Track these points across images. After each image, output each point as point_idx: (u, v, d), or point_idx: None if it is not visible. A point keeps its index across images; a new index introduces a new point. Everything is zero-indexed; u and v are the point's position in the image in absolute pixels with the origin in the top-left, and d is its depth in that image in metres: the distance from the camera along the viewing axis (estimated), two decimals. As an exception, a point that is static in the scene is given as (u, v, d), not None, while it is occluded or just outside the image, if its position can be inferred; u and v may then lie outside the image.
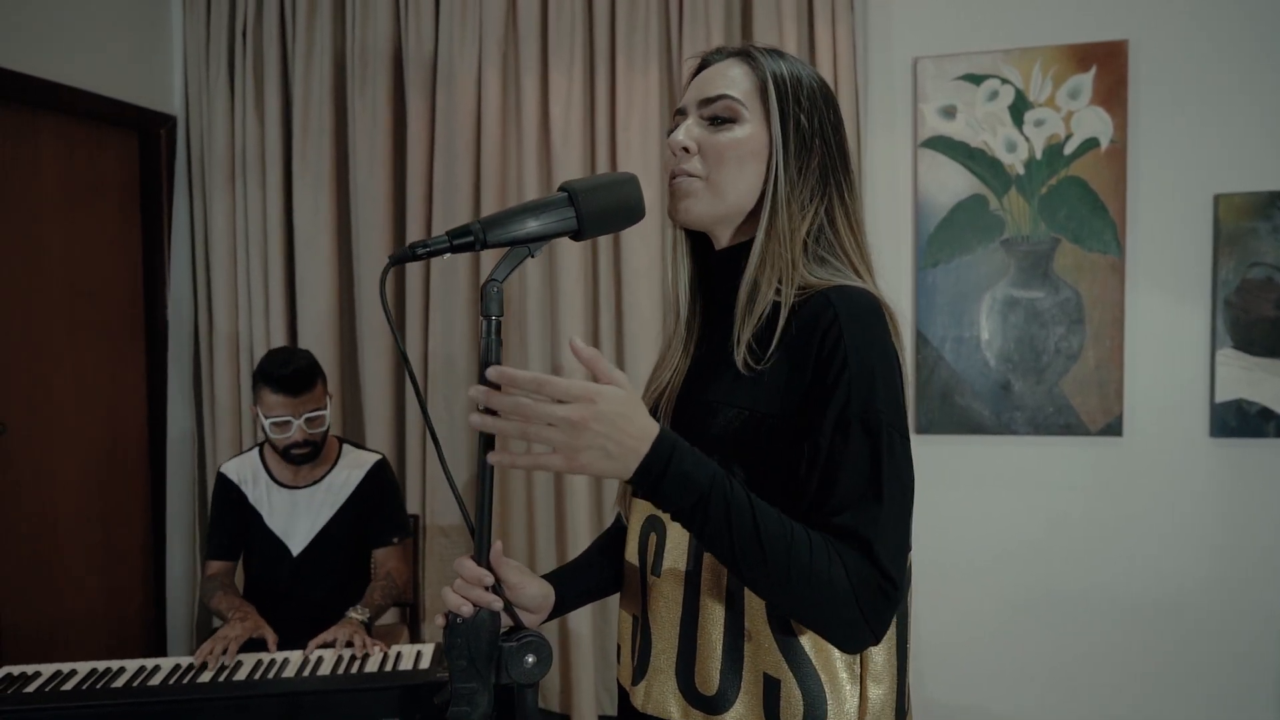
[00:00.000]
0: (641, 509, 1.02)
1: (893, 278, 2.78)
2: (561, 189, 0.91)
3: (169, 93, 3.19)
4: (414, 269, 2.97)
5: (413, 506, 2.98)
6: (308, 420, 2.10)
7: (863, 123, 2.73)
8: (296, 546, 2.20)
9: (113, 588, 3.04)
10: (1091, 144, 2.61)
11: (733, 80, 0.99)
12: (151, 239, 3.17)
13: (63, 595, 2.85)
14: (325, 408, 2.16)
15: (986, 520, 2.75)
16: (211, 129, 3.09)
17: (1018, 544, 2.73)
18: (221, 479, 2.26)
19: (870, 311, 0.90)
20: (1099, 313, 2.64)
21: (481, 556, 0.90)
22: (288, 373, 2.06)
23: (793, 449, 0.89)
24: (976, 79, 2.67)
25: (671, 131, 1.02)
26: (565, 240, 2.85)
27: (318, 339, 3.00)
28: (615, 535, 1.13)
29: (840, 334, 0.88)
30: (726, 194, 0.97)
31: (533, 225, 0.89)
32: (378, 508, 2.26)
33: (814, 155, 0.98)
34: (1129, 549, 2.67)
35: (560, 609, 1.03)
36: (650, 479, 0.81)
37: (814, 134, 0.98)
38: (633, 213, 0.94)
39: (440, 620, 0.90)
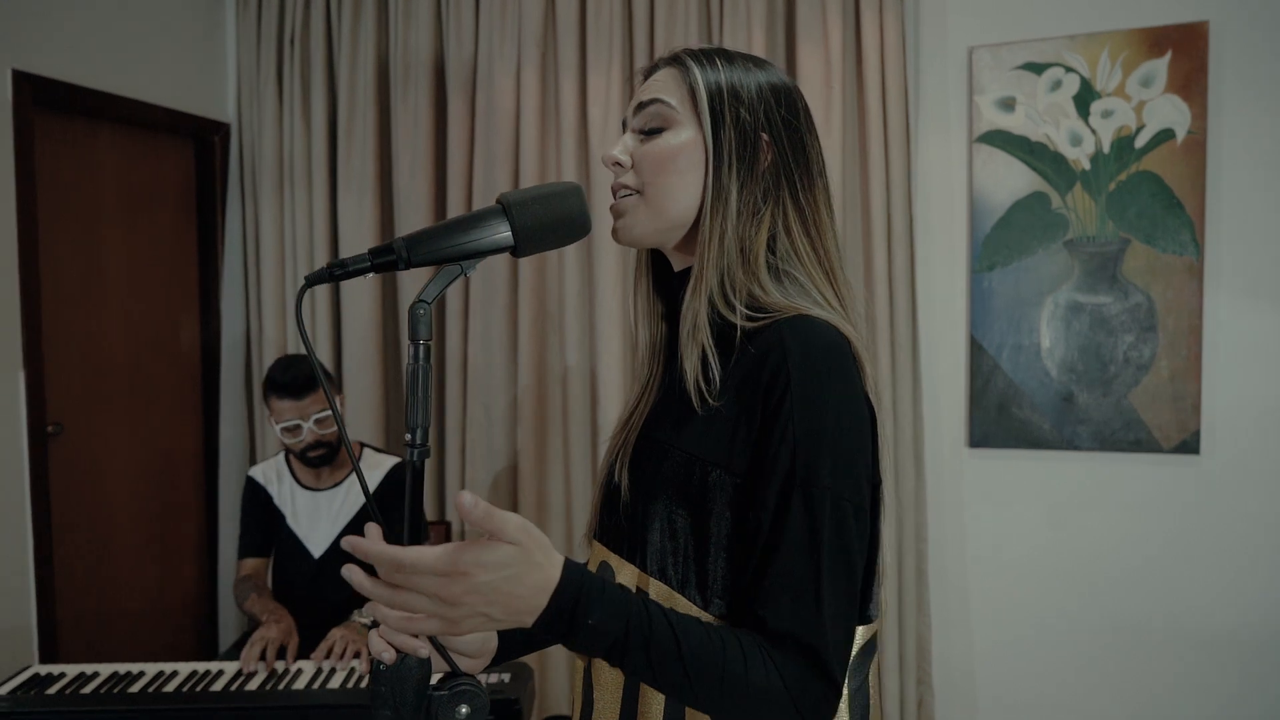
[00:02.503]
0: (598, 553, 0.94)
1: (945, 282, 2.62)
2: (499, 200, 0.85)
3: (223, 101, 3.27)
4: (454, 273, 2.95)
5: (451, 513, 2.97)
6: (316, 421, 2.15)
7: (913, 118, 2.58)
8: (317, 549, 2.23)
9: (167, 584, 3.12)
10: (1166, 135, 2.40)
11: (664, 85, 0.91)
12: (206, 244, 3.25)
13: (119, 591, 2.95)
14: (329, 411, 2.18)
15: (1046, 541, 2.57)
16: (261, 136, 3.15)
17: (1081, 567, 2.54)
18: (250, 482, 2.32)
19: (826, 353, 0.80)
20: (1174, 319, 2.43)
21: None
22: (290, 377, 2.13)
23: (741, 506, 0.81)
24: (1038, 68, 2.49)
25: None
26: (605, 239, 2.80)
27: (361, 343, 3.02)
28: None
29: (787, 385, 0.79)
30: (664, 208, 0.89)
31: (462, 242, 0.82)
32: (391, 511, 2.23)
33: (761, 155, 0.88)
34: (1206, 576, 2.45)
35: (507, 654, 0.96)
36: (557, 633, 0.75)
37: (758, 129, 0.88)
38: (574, 226, 0.86)
39: (364, 667, 0.85)
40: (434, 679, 0.84)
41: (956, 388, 2.62)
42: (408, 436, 0.82)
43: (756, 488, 0.80)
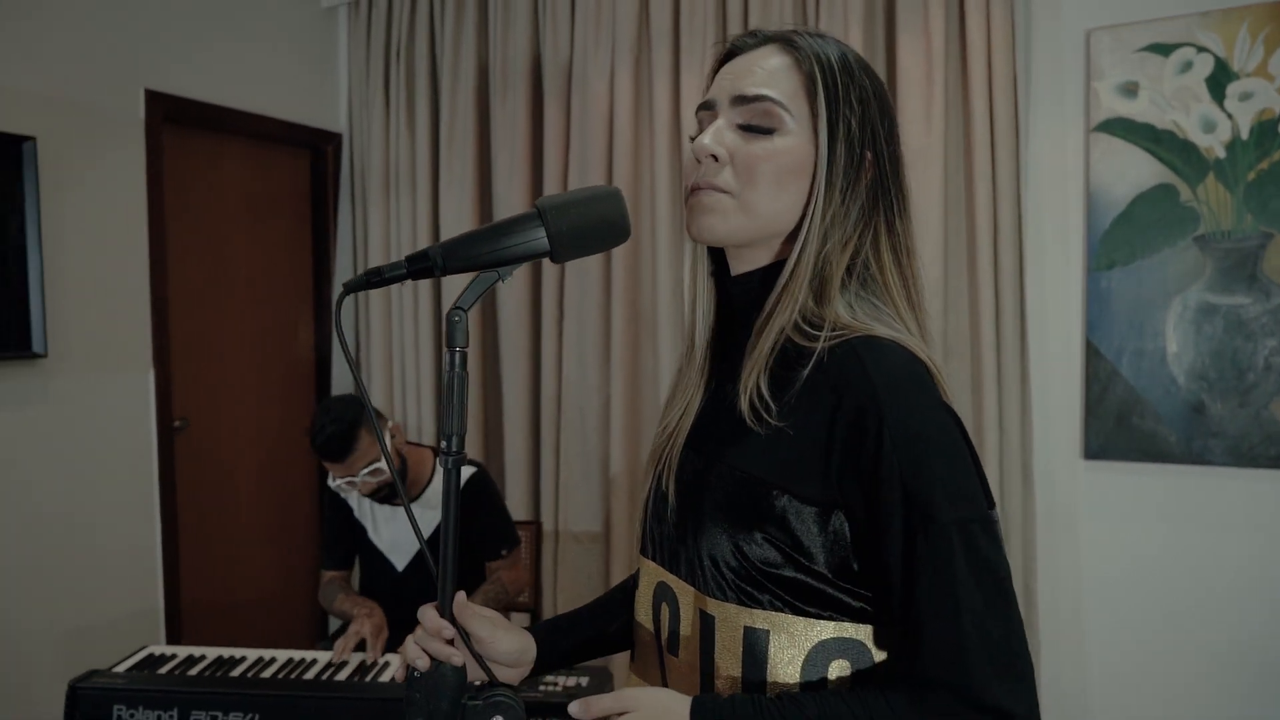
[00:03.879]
0: (652, 572, 0.91)
1: (1059, 282, 2.45)
2: (535, 205, 0.83)
3: (336, 112, 3.41)
4: (550, 278, 2.98)
5: (545, 514, 3.00)
6: (368, 473, 2.04)
7: (1023, 108, 2.42)
8: (400, 562, 2.23)
9: (283, 573, 3.29)
10: (1316, 119, 2.17)
11: (774, 76, 0.83)
12: (320, 249, 3.41)
13: (238, 578, 3.13)
14: (379, 459, 2.04)
15: (1174, 563, 2.36)
16: (370, 144, 3.28)
17: (1209, 592, 2.33)
18: (330, 492, 2.28)
19: (909, 377, 0.76)
20: (1324, 322, 2.19)
21: (445, 607, 0.84)
22: (323, 441, 2.01)
23: (806, 528, 0.77)
24: (1165, 49, 2.30)
25: (697, 132, 0.87)
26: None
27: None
28: (629, 589, 1.03)
29: (880, 420, 0.74)
30: (759, 214, 0.83)
31: (497, 249, 0.81)
32: (481, 522, 2.22)
33: (864, 170, 0.83)
34: (1363, 609, 2.20)
35: (546, 665, 0.95)
36: None
37: (864, 143, 0.82)
38: (614, 231, 0.83)
39: (400, 674, 0.85)
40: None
41: (1071, 395, 2.45)
42: (443, 444, 0.81)
43: (876, 537, 0.76)
